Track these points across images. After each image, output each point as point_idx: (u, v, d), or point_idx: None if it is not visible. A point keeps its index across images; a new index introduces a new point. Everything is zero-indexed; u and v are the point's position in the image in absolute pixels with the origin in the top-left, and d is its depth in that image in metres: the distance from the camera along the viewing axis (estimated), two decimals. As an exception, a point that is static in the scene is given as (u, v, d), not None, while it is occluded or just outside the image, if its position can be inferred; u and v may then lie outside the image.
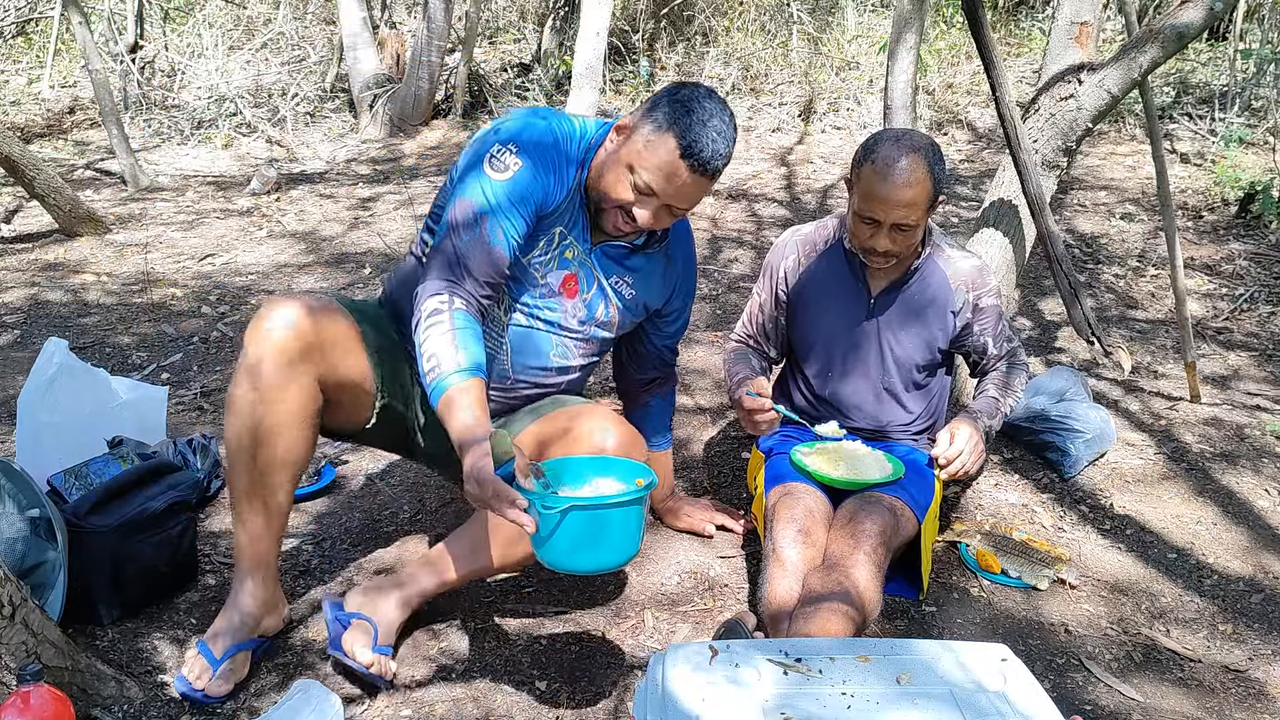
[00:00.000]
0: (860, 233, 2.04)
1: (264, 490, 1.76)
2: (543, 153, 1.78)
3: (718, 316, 3.72)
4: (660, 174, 1.70)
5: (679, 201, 1.75)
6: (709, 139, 1.69)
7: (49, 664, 1.56)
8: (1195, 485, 2.63)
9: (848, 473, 2.05)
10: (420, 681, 1.83)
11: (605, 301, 1.94)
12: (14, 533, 1.85)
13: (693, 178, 1.71)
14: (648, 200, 1.74)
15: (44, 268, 4.06)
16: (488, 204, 1.74)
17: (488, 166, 1.75)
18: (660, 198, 1.73)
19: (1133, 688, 1.89)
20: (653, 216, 1.76)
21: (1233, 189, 4.92)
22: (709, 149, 1.69)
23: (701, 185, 1.73)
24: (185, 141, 6.15)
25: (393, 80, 6.29)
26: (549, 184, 1.79)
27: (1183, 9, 2.55)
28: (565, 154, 1.81)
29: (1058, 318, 3.78)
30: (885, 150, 1.96)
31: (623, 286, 1.95)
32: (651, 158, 1.70)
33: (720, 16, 7.24)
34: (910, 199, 1.94)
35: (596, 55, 4.67)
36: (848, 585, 1.77)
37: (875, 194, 1.96)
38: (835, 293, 2.18)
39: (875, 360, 2.17)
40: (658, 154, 1.69)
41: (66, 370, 2.16)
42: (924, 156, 1.95)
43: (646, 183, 1.71)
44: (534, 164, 1.76)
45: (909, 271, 2.13)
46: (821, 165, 5.77)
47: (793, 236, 2.26)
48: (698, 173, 1.70)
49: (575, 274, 1.89)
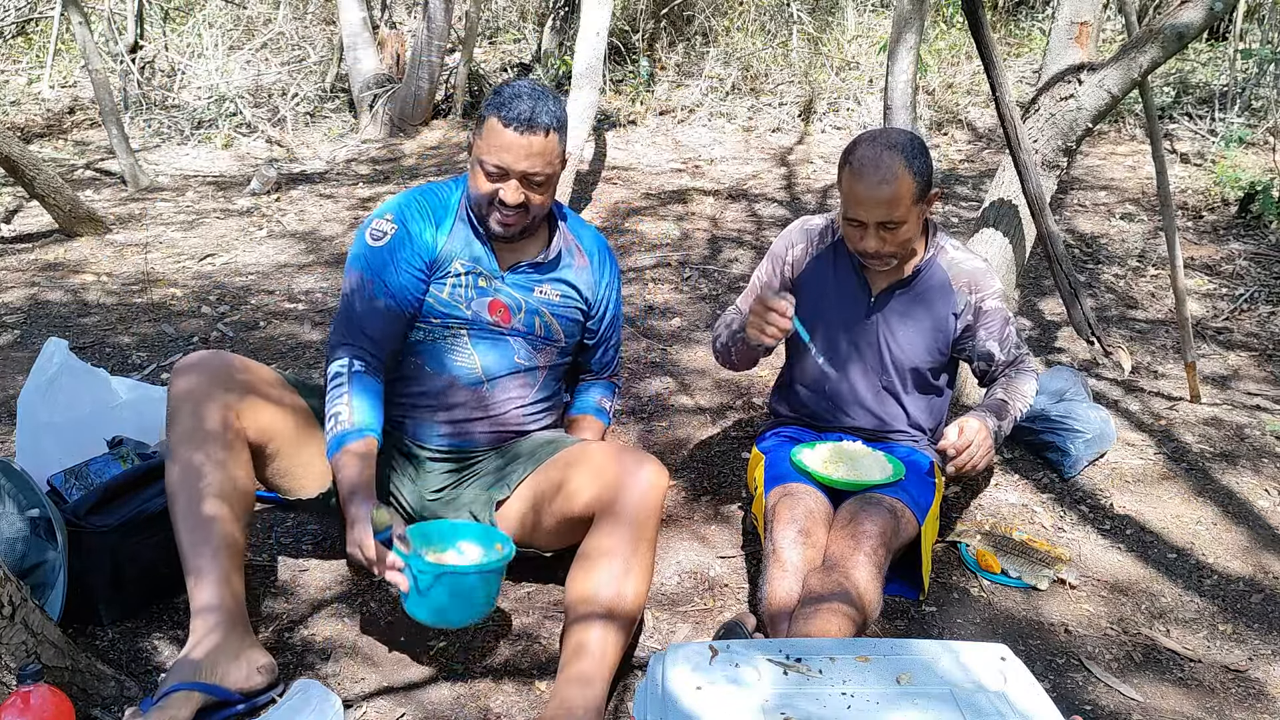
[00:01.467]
0: (850, 236, 2.05)
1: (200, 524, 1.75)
2: (415, 209, 1.99)
3: (717, 316, 3.72)
4: (497, 149, 1.86)
5: (527, 166, 1.87)
6: (519, 101, 1.85)
7: (49, 664, 1.56)
8: (1195, 485, 2.63)
9: (848, 473, 2.05)
10: (420, 681, 1.83)
11: (538, 316, 2.04)
12: (14, 533, 1.85)
13: (523, 138, 1.85)
14: (504, 181, 1.89)
15: (44, 268, 4.06)
16: (371, 269, 1.95)
17: (368, 239, 1.98)
18: (511, 173, 1.87)
19: (1133, 688, 1.89)
20: (516, 193, 1.89)
21: (1233, 189, 4.92)
22: (521, 107, 1.84)
23: (535, 144, 1.86)
24: (185, 141, 6.15)
25: (393, 80, 6.29)
26: (428, 232, 1.98)
27: (1183, 9, 2.55)
28: (441, 201, 2.02)
29: (1058, 318, 3.78)
30: (861, 151, 1.97)
31: (548, 294, 2.05)
32: (486, 143, 1.88)
33: (720, 16, 7.24)
34: (889, 196, 1.94)
35: (596, 55, 4.67)
36: (848, 586, 1.77)
37: (855, 195, 1.97)
38: (837, 289, 2.18)
39: (874, 359, 2.17)
40: (490, 136, 1.87)
41: (66, 370, 2.16)
42: (900, 152, 1.94)
43: (494, 164, 1.87)
44: (408, 221, 1.98)
45: (911, 272, 2.13)
46: (821, 165, 5.76)
47: (802, 226, 2.25)
48: (524, 131, 1.84)
49: (499, 299, 2.01)
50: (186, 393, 1.81)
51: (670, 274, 4.14)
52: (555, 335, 2.07)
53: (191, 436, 1.78)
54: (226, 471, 1.79)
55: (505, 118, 1.84)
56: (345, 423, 1.86)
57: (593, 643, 1.70)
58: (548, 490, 1.92)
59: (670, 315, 3.73)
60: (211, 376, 1.83)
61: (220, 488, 1.77)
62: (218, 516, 1.75)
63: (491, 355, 2.01)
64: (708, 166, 5.74)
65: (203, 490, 1.75)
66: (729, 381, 3.18)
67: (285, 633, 1.95)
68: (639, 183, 5.39)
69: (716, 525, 2.40)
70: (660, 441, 2.80)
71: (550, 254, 2.04)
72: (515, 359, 2.03)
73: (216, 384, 1.83)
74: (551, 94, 1.90)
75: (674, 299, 3.88)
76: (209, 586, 1.70)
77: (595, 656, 1.69)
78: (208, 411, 1.80)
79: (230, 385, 1.85)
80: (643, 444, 2.79)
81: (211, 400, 1.81)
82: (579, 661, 1.69)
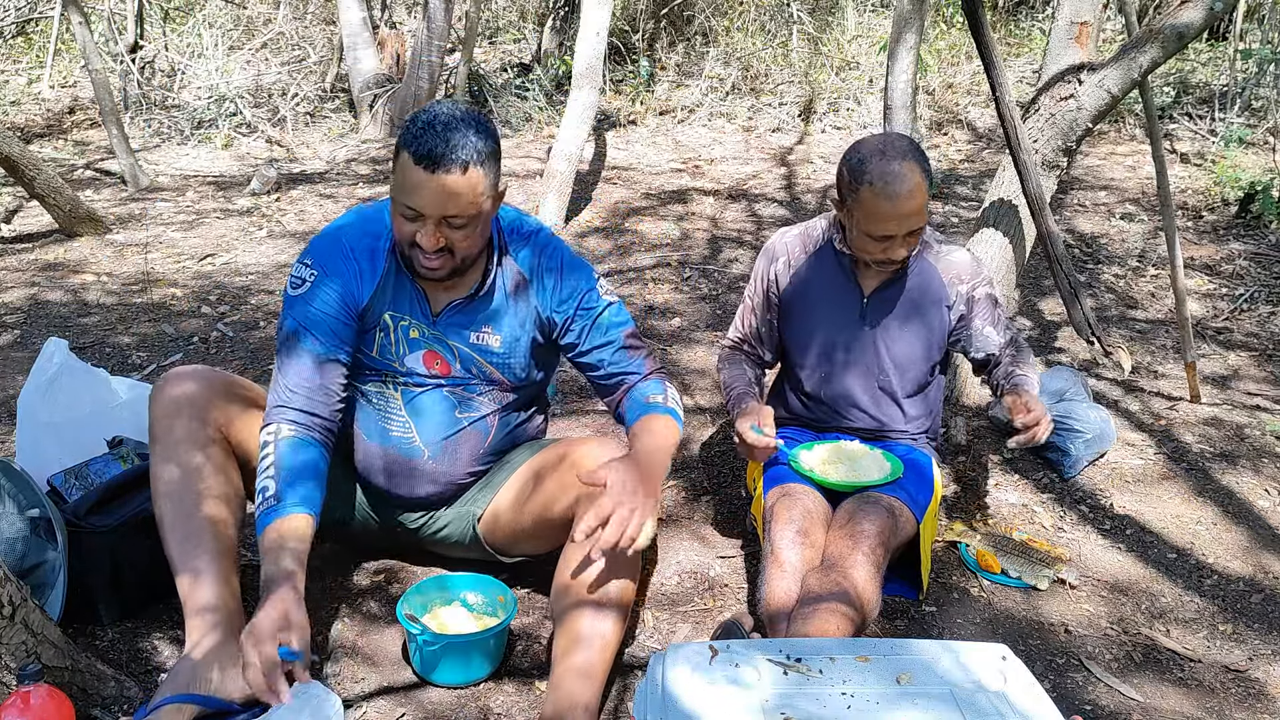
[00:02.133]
0: (872, 250, 2.03)
1: (199, 526, 1.72)
2: (336, 251, 1.82)
3: (718, 316, 3.72)
4: (408, 190, 1.66)
5: (444, 209, 1.67)
6: (429, 134, 1.64)
7: (49, 664, 1.56)
8: (1195, 485, 2.63)
9: (847, 474, 2.05)
10: (420, 682, 1.83)
11: (473, 364, 1.88)
12: (14, 533, 1.85)
13: (434, 177, 1.64)
14: (422, 222, 1.69)
15: (44, 268, 4.06)
16: (296, 324, 1.80)
17: (290, 289, 1.83)
18: (428, 215, 1.68)
19: (1133, 688, 1.89)
20: (434, 237, 1.70)
21: (1233, 189, 4.92)
22: (432, 141, 1.63)
23: (449, 183, 1.64)
24: (185, 141, 6.15)
25: (393, 80, 6.29)
26: (352, 277, 1.82)
27: (1183, 9, 2.55)
28: (371, 238, 1.83)
29: (1058, 318, 3.78)
30: (876, 166, 1.94)
31: (486, 338, 1.87)
32: (400, 182, 1.68)
33: (720, 16, 7.24)
34: (917, 206, 1.95)
35: (596, 55, 4.67)
36: (846, 586, 1.77)
37: (882, 213, 1.95)
38: (828, 294, 2.17)
39: (871, 360, 2.17)
40: (403, 175, 1.67)
41: (66, 370, 2.16)
42: (914, 160, 1.96)
43: (409, 206, 1.68)
44: (329, 267, 1.81)
45: (901, 270, 2.13)
46: (821, 165, 5.76)
47: (781, 239, 2.24)
48: (434, 169, 1.63)
49: (433, 350, 1.87)
50: (188, 397, 1.79)
51: (670, 274, 4.14)
52: (493, 378, 1.90)
53: (193, 439, 1.77)
54: (226, 475, 1.79)
55: (415, 154, 1.63)
56: (271, 498, 1.66)
57: (589, 632, 1.69)
58: (528, 497, 1.91)
59: (670, 315, 3.73)
60: (210, 386, 1.82)
61: (220, 491, 1.76)
62: (218, 519, 1.74)
63: (428, 419, 1.88)
64: (708, 166, 5.75)
65: (202, 492, 1.74)
66: (729, 381, 3.18)
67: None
68: (639, 183, 5.40)
69: (716, 525, 2.40)
70: (660, 441, 2.80)
71: (484, 288, 1.84)
72: (455, 414, 1.89)
73: (216, 393, 1.82)
74: (472, 121, 1.67)
75: (674, 299, 3.88)
76: (208, 586, 1.68)
77: (595, 647, 1.68)
78: (209, 417, 1.79)
79: (228, 396, 1.84)
80: (643, 444, 2.79)
81: (212, 407, 1.80)
82: (578, 652, 1.67)
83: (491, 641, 1.82)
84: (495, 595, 1.92)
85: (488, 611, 1.92)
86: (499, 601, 1.91)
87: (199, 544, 1.71)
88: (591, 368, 1.93)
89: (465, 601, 1.93)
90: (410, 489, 1.95)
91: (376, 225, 1.85)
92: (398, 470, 1.93)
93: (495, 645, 1.84)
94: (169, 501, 1.74)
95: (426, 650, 1.78)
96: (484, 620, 1.90)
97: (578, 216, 4.83)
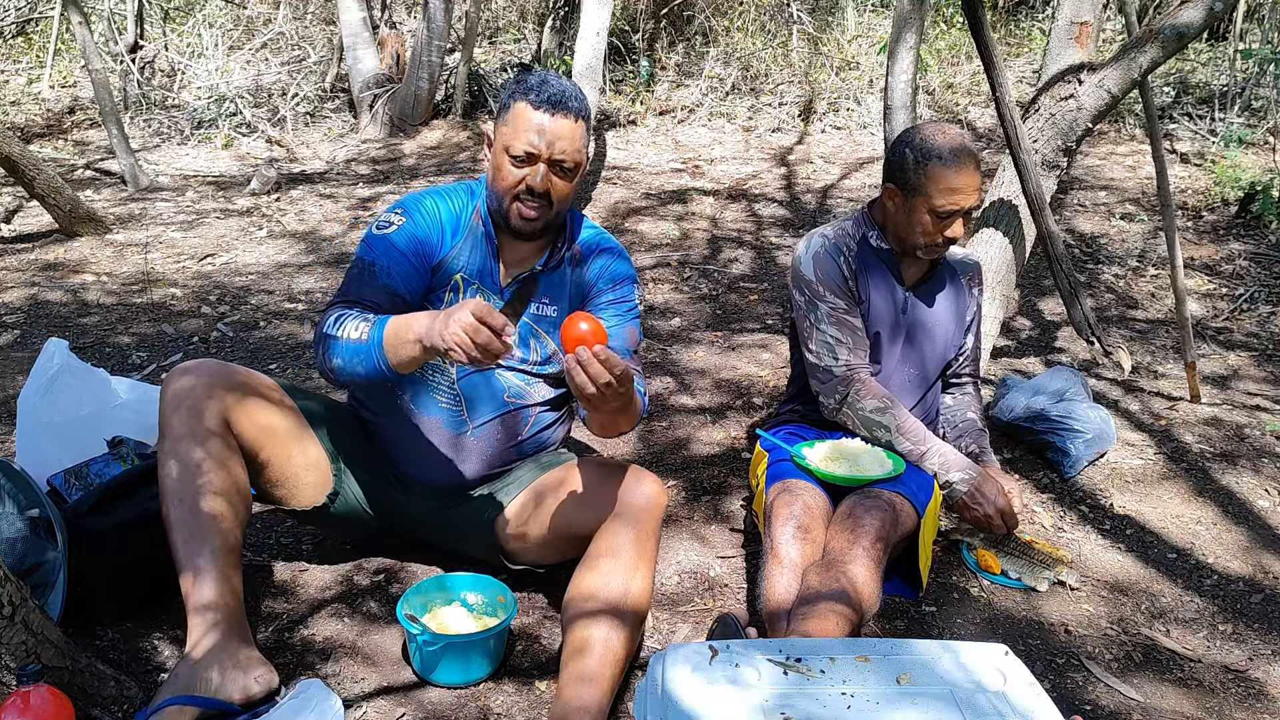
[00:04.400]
0: (933, 231, 2.08)
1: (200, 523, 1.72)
2: (426, 207, 1.95)
3: (717, 316, 3.72)
4: (528, 133, 1.81)
5: (556, 151, 1.82)
6: (548, 84, 1.82)
7: (49, 664, 1.56)
8: (1195, 485, 2.63)
9: (848, 470, 2.05)
10: (420, 682, 1.83)
11: (535, 337, 1.96)
12: (14, 533, 1.85)
13: (553, 120, 1.81)
14: (532, 167, 1.83)
15: (44, 268, 4.06)
16: (376, 256, 1.88)
17: (375, 229, 1.93)
18: (541, 156, 1.82)
19: (1133, 688, 1.89)
20: (544, 180, 1.83)
21: (1233, 189, 4.92)
22: (552, 88, 1.81)
23: (565, 126, 1.81)
24: (185, 141, 6.15)
25: (393, 80, 6.29)
26: (435, 230, 1.93)
27: (1183, 9, 2.55)
28: (455, 206, 1.96)
29: (1058, 318, 3.78)
30: (943, 143, 2.04)
31: (545, 309, 1.97)
32: (515, 128, 1.82)
33: (720, 16, 7.24)
34: (980, 181, 2.06)
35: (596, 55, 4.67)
36: (845, 582, 1.77)
37: (955, 186, 2.02)
38: (877, 290, 2.20)
39: (905, 354, 2.22)
40: (518, 121, 1.82)
41: (66, 370, 2.16)
42: (968, 138, 2.07)
43: (523, 149, 1.81)
44: (416, 216, 1.93)
45: (933, 263, 2.22)
46: (821, 165, 5.77)
47: (824, 244, 2.18)
48: (555, 113, 1.80)
49: None
50: (186, 391, 1.79)
51: (670, 274, 4.14)
52: (550, 356, 1.97)
53: (193, 434, 1.76)
54: (228, 470, 1.78)
55: (536, 100, 1.80)
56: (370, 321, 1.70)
57: (597, 640, 1.69)
58: (547, 505, 1.92)
59: (670, 315, 3.73)
60: (210, 378, 1.81)
61: (221, 486, 1.75)
62: (219, 515, 1.73)
63: (479, 396, 1.95)
64: (708, 166, 5.75)
65: (203, 488, 1.74)
66: (729, 381, 3.18)
67: (285, 633, 1.95)
68: (639, 183, 5.40)
69: (716, 525, 2.40)
70: (660, 441, 2.80)
71: (552, 260, 1.95)
72: (504, 397, 1.96)
73: (216, 385, 1.81)
74: (575, 86, 1.88)
75: (674, 299, 3.89)
76: (209, 584, 1.68)
77: (599, 654, 1.68)
78: (207, 410, 1.78)
79: (229, 387, 1.83)
80: (643, 444, 2.79)
81: (211, 400, 1.79)
82: (583, 658, 1.68)
83: (491, 641, 1.82)
84: (495, 595, 1.92)
85: (488, 611, 1.92)
86: (499, 601, 1.91)
87: (201, 542, 1.71)
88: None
89: (465, 601, 1.94)
90: (447, 462, 1.98)
91: (463, 195, 1.98)
92: (439, 443, 1.96)
93: (495, 645, 1.84)
94: (173, 499, 1.74)
95: (426, 650, 1.79)
96: (484, 620, 1.90)
97: (578, 216, 4.83)
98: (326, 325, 1.76)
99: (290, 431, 1.92)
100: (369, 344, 1.68)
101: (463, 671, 1.80)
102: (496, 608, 1.91)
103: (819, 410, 2.24)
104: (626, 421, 1.83)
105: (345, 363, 1.71)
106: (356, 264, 1.90)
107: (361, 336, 1.69)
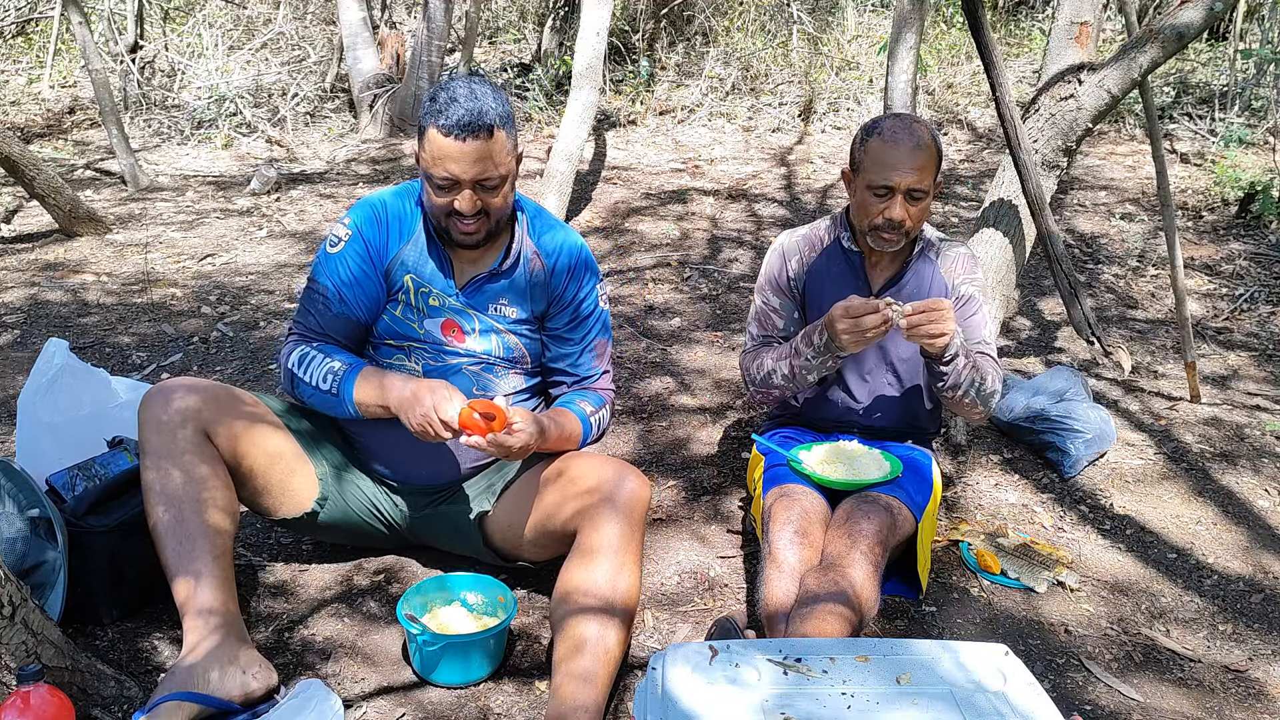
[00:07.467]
0: (872, 209, 2.03)
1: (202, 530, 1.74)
2: (373, 213, 1.95)
3: (717, 316, 3.72)
4: (444, 160, 1.77)
5: (475, 174, 1.78)
6: (454, 106, 1.75)
7: (49, 664, 1.56)
8: (1195, 485, 2.63)
9: (846, 473, 2.05)
10: (420, 682, 1.83)
11: (496, 333, 1.97)
12: (14, 533, 1.85)
13: (465, 145, 1.75)
14: (456, 190, 1.80)
15: (44, 268, 4.06)
16: (328, 280, 1.93)
17: (328, 246, 1.96)
18: (462, 181, 1.78)
19: (1133, 688, 1.89)
20: (471, 201, 1.81)
21: (1233, 189, 4.92)
22: (460, 110, 1.74)
23: (480, 148, 1.76)
24: (185, 141, 6.15)
25: (393, 80, 6.28)
26: (381, 234, 1.94)
27: (1183, 9, 2.55)
28: (407, 209, 1.96)
29: (1058, 318, 3.78)
30: (890, 122, 2.04)
31: (503, 309, 1.97)
32: (431, 156, 1.79)
33: (720, 16, 7.24)
34: (922, 162, 1.99)
35: (596, 55, 4.67)
36: (844, 585, 1.77)
37: (887, 160, 1.99)
38: (839, 291, 2.17)
39: (877, 357, 2.17)
40: (432, 148, 1.78)
41: (66, 370, 2.16)
42: (927, 127, 2.04)
43: (442, 175, 1.79)
44: (363, 226, 1.94)
45: (904, 266, 2.14)
46: (821, 165, 5.77)
47: (789, 239, 2.24)
48: (467, 137, 1.75)
49: (452, 320, 1.95)
50: (190, 410, 1.81)
51: (670, 274, 4.14)
52: (517, 353, 1.99)
53: (199, 451, 1.79)
54: (230, 492, 1.83)
55: (445, 126, 1.74)
56: (341, 366, 1.88)
57: (590, 638, 1.69)
58: (532, 502, 1.92)
59: (670, 315, 3.73)
60: (214, 400, 1.85)
61: (224, 503, 1.79)
62: (220, 528, 1.76)
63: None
64: (708, 166, 5.75)
65: (206, 501, 1.76)
66: (729, 381, 3.18)
67: (285, 633, 1.95)
68: (639, 183, 5.39)
69: (716, 525, 2.40)
70: (660, 441, 2.80)
71: (508, 261, 1.94)
72: (473, 390, 1.95)
73: (219, 409, 1.85)
74: (490, 88, 1.80)
75: (674, 299, 3.88)
76: (209, 589, 1.69)
77: (593, 652, 1.68)
78: (214, 431, 1.83)
79: (231, 413, 1.87)
80: (643, 444, 2.79)
81: (217, 422, 1.83)
82: (578, 657, 1.67)
83: (491, 641, 1.82)
84: (495, 595, 1.92)
85: (488, 611, 1.92)
86: (499, 601, 1.91)
87: (199, 547, 1.72)
88: (552, 354, 2.05)
89: (465, 601, 1.94)
90: (418, 468, 1.99)
91: (414, 195, 1.97)
92: (413, 445, 1.94)
93: (495, 645, 1.84)
94: (169, 507, 1.74)
95: (426, 650, 1.79)
96: (484, 620, 1.90)
97: (578, 216, 4.83)
98: (290, 361, 1.90)
99: (273, 442, 1.93)
100: (339, 399, 1.86)
101: (463, 671, 1.80)
102: (496, 608, 1.91)
103: (815, 410, 2.24)
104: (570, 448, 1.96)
105: (314, 404, 1.92)
106: (311, 285, 1.95)
107: (331, 390, 1.86)
